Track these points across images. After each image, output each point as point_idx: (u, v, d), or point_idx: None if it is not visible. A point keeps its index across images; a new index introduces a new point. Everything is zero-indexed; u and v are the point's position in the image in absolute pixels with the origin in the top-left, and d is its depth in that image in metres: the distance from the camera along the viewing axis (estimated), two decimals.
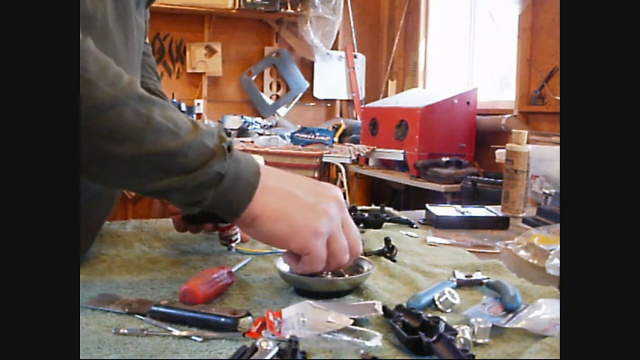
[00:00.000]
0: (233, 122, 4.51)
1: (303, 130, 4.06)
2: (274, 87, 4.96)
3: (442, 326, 0.57)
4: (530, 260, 0.92)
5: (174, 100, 4.47)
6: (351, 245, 0.69)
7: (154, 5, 1.02)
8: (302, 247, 0.66)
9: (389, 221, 1.15)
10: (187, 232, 0.98)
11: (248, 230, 0.68)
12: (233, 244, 0.90)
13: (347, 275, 0.75)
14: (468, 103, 3.78)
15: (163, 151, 0.60)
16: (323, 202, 0.67)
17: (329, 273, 0.76)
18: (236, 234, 0.90)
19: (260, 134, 4.20)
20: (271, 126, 4.62)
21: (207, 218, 0.88)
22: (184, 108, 4.39)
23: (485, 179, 3.24)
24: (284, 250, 0.81)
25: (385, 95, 4.93)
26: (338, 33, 4.83)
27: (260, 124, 4.58)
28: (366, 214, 1.15)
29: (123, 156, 0.59)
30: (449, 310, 0.68)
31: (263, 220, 0.66)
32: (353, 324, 0.60)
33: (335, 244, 0.67)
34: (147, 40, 1.09)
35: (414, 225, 1.14)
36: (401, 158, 3.71)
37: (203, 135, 0.63)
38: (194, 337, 0.58)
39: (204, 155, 0.62)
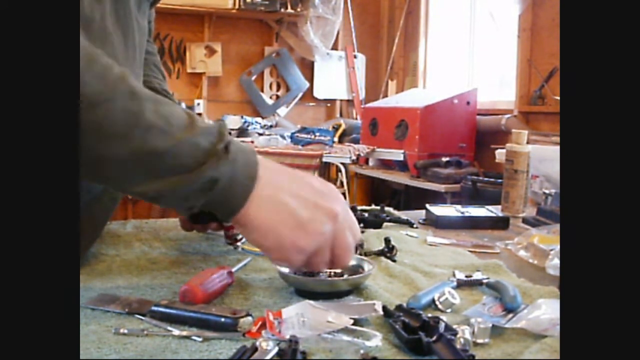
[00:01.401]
0: (233, 122, 4.51)
1: (303, 130, 4.06)
2: (274, 87, 4.96)
3: (442, 326, 0.57)
4: (530, 260, 0.92)
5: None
6: (336, 257, 0.67)
7: None
8: (283, 260, 0.66)
9: (389, 221, 1.15)
10: (187, 232, 0.97)
11: (239, 230, 0.66)
12: (238, 243, 0.90)
13: (347, 276, 0.75)
14: (468, 103, 3.78)
15: (151, 151, 0.57)
16: (317, 218, 0.63)
17: (329, 273, 0.77)
18: None
19: (260, 134, 4.20)
20: (271, 126, 4.62)
21: (213, 217, 0.87)
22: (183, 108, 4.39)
23: (485, 179, 3.24)
24: None
25: (385, 95, 4.93)
26: (338, 33, 4.83)
27: (260, 124, 4.58)
28: (366, 214, 1.15)
29: (111, 156, 0.56)
30: (449, 310, 0.68)
31: (251, 230, 0.63)
32: (353, 324, 0.60)
33: (316, 259, 0.65)
34: (151, 40, 1.09)
35: (414, 225, 1.14)
36: (401, 158, 3.71)
37: (198, 134, 0.59)
38: (194, 337, 0.58)
39: (197, 157, 0.58)
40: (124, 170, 0.58)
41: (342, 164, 3.80)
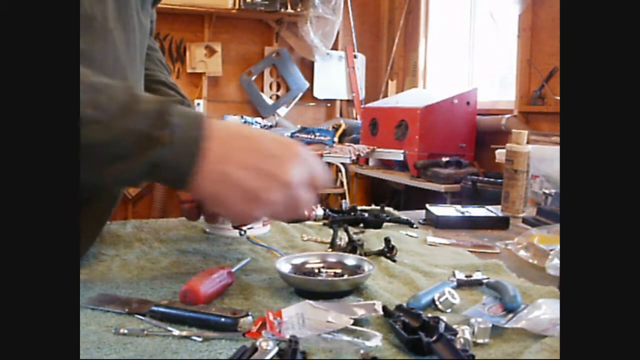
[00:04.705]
0: (233, 122, 4.51)
1: (303, 130, 4.06)
2: (274, 87, 4.96)
3: (442, 326, 0.57)
4: (530, 260, 0.92)
5: None
6: (293, 214, 0.67)
7: None
8: (239, 223, 0.74)
9: (389, 221, 1.15)
10: (187, 232, 0.97)
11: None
12: (244, 228, 0.87)
13: (347, 276, 0.75)
14: (468, 103, 3.78)
15: (88, 145, 0.55)
16: (268, 187, 0.63)
17: (329, 273, 0.77)
18: None
19: None
20: (271, 126, 4.62)
21: None
22: None
23: (485, 179, 3.24)
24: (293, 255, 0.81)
25: (385, 95, 4.93)
26: (338, 33, 4.83)
27: (260, 124, 4.58)
28: (366, 214, 1.15)
29: None
30: (449, 310, 0.68)
31: (203, 199, 0.66)
32: (353, 324, 0.60)
33: (275, 215, 0.68)
34: (152, 37, 1.10)
35: (414, 225, 1.14)
36: (401, 158, 3.71)
37: (136, 119, 0.58)
38: (194, 337, 0.58)
39: (135, 144, 0.58)
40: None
41: (342, 164, 3.80)
